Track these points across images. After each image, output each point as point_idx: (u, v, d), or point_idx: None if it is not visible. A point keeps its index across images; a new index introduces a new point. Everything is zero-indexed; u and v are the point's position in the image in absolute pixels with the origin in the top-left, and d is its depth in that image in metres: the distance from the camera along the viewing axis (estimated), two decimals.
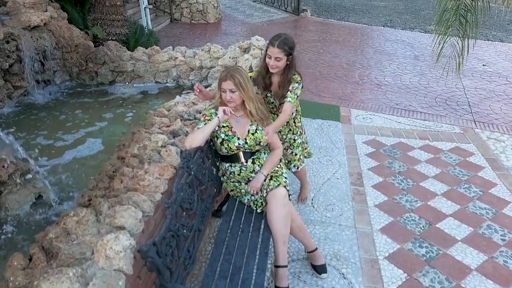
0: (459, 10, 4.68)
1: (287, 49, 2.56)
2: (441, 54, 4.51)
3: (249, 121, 2.50)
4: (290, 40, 2.62)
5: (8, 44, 3.76)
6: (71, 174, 2.74)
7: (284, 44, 2.56)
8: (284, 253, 2.37)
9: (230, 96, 2.35)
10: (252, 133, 2.50)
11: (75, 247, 1.67)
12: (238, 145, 2.47)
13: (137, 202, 1.94)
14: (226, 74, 2.35)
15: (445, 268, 2.78)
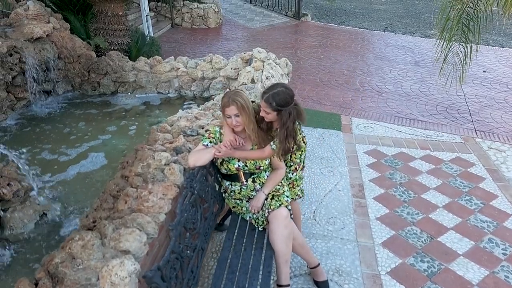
0: (461, 19, 4.71)
1: (274, 106, 2.34)
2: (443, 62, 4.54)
3: (250, 144, 2.51)
4: (283, 95, 2.36)
5: (11, 57, 3.78)
6: (74, 190, 2.76)
7: (272, 99, 2.34)
8: (287, 272, 2.38)
9: (236, 121, 2.35)
10: None
11: (81, 273, 1.68)
12: (237, 167, 2.48)
13: (142, 224, 1.96)
14: (228, 100, 2.34)
15: (446, 283, 2.79)
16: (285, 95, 2.38)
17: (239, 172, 2.49)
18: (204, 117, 3.11)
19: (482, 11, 4.80)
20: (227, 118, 2.37)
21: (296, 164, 2.73)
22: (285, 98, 2.37)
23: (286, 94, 2.39)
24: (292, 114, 2.39)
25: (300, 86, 6.56)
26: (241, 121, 2.35)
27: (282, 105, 2.36)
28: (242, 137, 2.48)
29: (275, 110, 2.37)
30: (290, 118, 2.38)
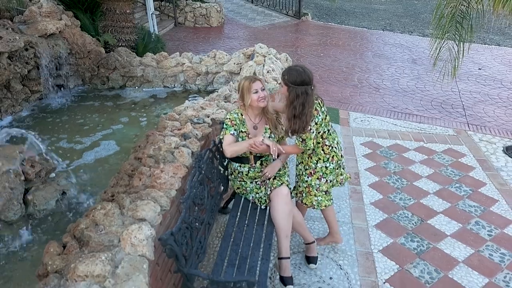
0: (455, 17, 4.92)
1: (285, 79, 2.49)
2: (438, 58, 4.76)
3: (264, 128, 2.75)
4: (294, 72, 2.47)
5: (27, 52, 4.01)
6: (90, 173, 2.99)
7: (286, 72, 2.50)
8: (287, 246, 2.61)
9: (263, 93, 2.63)
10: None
11: (104, 236, 1.91)
12: (255, 153, 2.70)
13: (155, 198, 2.18)
14: (251, 78, 2.66)
15: (434, 260, 3.01)
16: (299, 74, 2.45)
17: (250, 155, 2.71)
18: (209, 107, 3.34)
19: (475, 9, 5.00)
20: (254, 93, 2.60)
21: (311, 169, 2.77)
22: (297, 77, 2.44)
23: (300, 74, 2.45)
24: (300, 96, 2.44)
25: None
26: (265, 94, 2.63)
27: (291, 82, 2.45)
28: (256, 123, 2.72)
29: (285, 84, 2.51)
30: (298, 100, 2.44)
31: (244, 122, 2.73)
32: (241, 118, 2.72)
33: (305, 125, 2.50)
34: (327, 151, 2.73)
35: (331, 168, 2.77)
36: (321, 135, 2.67)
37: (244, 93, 2.66)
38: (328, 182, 2.81)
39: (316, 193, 2.80)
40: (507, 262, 3.01)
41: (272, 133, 2.75)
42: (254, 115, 2.75)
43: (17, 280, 2.20)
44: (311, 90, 2.50)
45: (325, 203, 2.84)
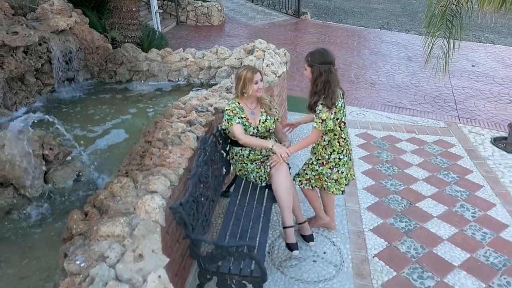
0: (445, 15, 5.16)
1: (309, 59, 2.69)
2: (431, 55, 5.00)
3: (260, 111, 3.01)
4: (317, 53, 2.67)
5: (41, 46, 4.25)
6: (103, 157, 3.24)
7: (309, 55, 2.69)
8: (290, 216, 2.90)
9: (261, 84, 2.91)
10: (263, 122, 3.00)
11: (121, 205, 2.15)
12: (252, 134, 2.95)
13: (165, 174, 2.43)
14: (252, 70, 2.91)
15: (420, 238, 3.26)
16: (320, 54, 2.66)
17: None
18: (212, 97, 3.58)
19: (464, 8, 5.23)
20: (254, 84, 2.86)
21: (324, 159, 2.91)
22: (320, 57, 2.64)
23: (322, 54, 2.65)
24: (323, 74, 2.61)
25: (299, 79, 7.04)
26: (262, 85, 2.91)
27: (314, 62, 2.64)
28: (252, 108, 2.98)
29: (309, 65, 2.68)
30: (321, 77, 2.62)
31: (242, 109, 2.97)
32: (239, 106, 2.97)
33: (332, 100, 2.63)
34: (342, 144, 2.87)
35: (344, 160, 2.90)
36: (338, 123, 2.80)
37: (247, 83, 2.90)
38: (339, 172, 2.92)
39: (326, 180, 2.95)
40: (488, 240, 3.25)
41: (268, 115, 3.00)
42: (250, 102, 3.01)
43: (38, 248, 2.45)
44: (334, 69, 2.67)
45: (332, 189, 2.96)
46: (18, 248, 2.42)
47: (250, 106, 3.02)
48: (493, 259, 3.06)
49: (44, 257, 2.38)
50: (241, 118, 2.95)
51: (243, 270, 2.31)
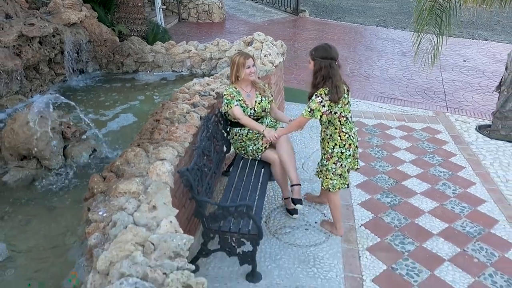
0: (434, 10, 5.46)
1: (312, 53, 2.86)
2: (420, 49, 5.31)
3: (255, 93, 3.32)
4: (321, 48, 2.82)
5: (54, 38, 4.57)
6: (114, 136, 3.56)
7: (313, 49, 2.86)
8: (295, 175, 3.22)
9: (253, 69, 3.22)
10: (259, 102, 3.31)
11: (135, 170, 2.46)
12: (250, 114, 3.26)
13: (173, 146, 2.74)
14: (245, 55, 3.20)
15: (404, 211, 3.57)
16: (323, 49, 2.81)
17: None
18: (214, 83, 3.89)
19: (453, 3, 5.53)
20: (247, 68, 3.17)
21: (328, 154, 3.04)
22: (323, 52, 2.79)
23: (325, 49, 2.81)
24: (323, 68, 2.76)
25: (296, 72, 7.35)
26: (255, 69, 3.21)
27: (317, 56, 2.79)
28: (248, 91, 3.28)
29: (312, 59, 2.84)
30: (321, 71, 2.77)
31: (239, 93, 3.28)
32: (236, 90, 3.28)
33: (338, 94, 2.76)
34: (344, 138, 2.96)
35: (347, 154, 3.00)
36: (338, 117, 2.89)
37: (239, 67, 3.22)
38: (343, 166, 3.03)
39: (332, 177, 3.05)
40: (466, 213, 3.57)
41: (263, 97, 3.31)
42: (245, 86, 3.33)
43: (58, 210, 2.77)
44: (335, 65, 2.81)
45: (339, 186, 3.07)
46: (42, 210, 2.73)
47: (246, 89, 3.33)
48: (469, 228, 3.37)
49: (64, 218, 2.70)
50: (238, 100, 3.25)
51: (242, 229, 2.63)
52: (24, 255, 2.31)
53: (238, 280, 2.78)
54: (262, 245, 3.08)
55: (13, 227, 2.52)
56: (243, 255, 2.70)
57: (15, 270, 2.18)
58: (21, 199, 2.80)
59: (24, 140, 2.91)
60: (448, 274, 2.90)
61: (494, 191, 3.89)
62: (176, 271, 1.67)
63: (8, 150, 2.99)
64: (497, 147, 4.73)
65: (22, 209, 2.72)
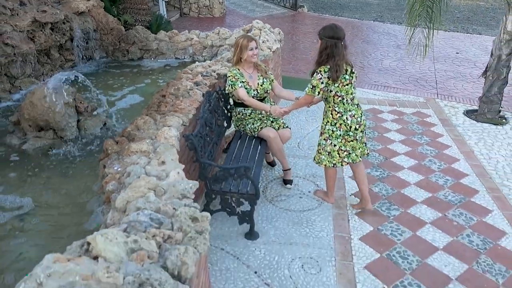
0: (425, 2, 5.72)
1: (320, 33, 2.95)
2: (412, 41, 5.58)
3: (257, 75, 3.57)
4: (328, 28, 2.92)
5: (64, 25, 4.84)
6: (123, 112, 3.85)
7: (321, 29, 2.96)
8: (286, 162, 3.63)
9: (256, 51, 3.45)
10: (261, 84, 3.55)
11: (145, 134, 2.74)
12: (253, 95, 3.50)
13: (179, 116, 3.01)
14: (248, 38, 3.44)
15: (391, 183, 3.85)
16: (330, 29, 2.91)
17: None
18: (215, 65, 4.17)
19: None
20: (249, 51, 3.39)
21: (322, 129, 3.19)
22: (329, 30, 2.90)
23: (332, 29, 2.90)
24: (329, 47, 2.86)
25: (294, 63, 7.62)
26: (257, 51, 3.44)
27: (324, 36, 2.90)
28: (250, 72, 3.52)
29: (320, 38, 2.94)
30: (326, 50, 2.88)
31: (242, 74, 3.53)
32: (239, 72, 3.52)
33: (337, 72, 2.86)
34: (335, 117, 3.05)
35: (337, 134, 3.10)
36: (333, 95, 3.00)
37: (242, 49, 3.46)
38: (332, 145, 3.14)
39: (321, 152, 3.21)
40: (449, 184, 3.84)
41: (264, 78, 3.58)
42: (247, 67, 3.56)
43: (74, 175, 3.06)
44: (341, 45, 2.90)
45: (325, 162, 3.22)
46: (59, 174, 3.02)
47: (248, 70, 3.57)
48: (451, 197, 3.65)
49: (79, 181, 2.98)
50: (242, 82, 3.47)
51: (241, 189, 2.90)
52: (46, 208, 2.59)
53: (238, 238, 3.06)
54: (259, 210, 3.36)
55: (35, 187, 2.80)
56: (242, 215, 2.98)
57: (40, 219, 2.46)
58: (40, 165, 3.08)
59: (42, 112, 3.19)
60: (429, 234, 3.17)
61: (477, 166, 4.16)
62: (183, 207, 1.95)
63: (27, 121, 3.27)
64: (483, 129, 5.01)
65: (41, 173, 3.00)
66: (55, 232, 2.31)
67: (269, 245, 3.00)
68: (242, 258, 2.87)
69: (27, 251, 2.19)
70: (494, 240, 3.13)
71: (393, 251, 2.99)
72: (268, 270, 2.77)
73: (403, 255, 2.95)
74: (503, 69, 5.04)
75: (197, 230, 1.79)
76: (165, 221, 1.83)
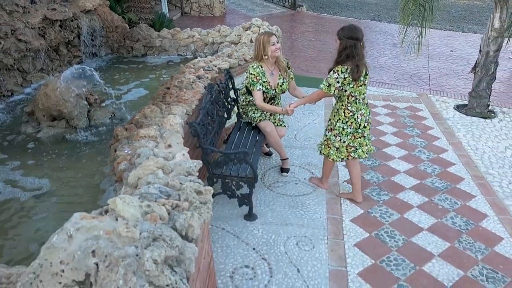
0: (418, 0, 5.96)
1: (339, 33, 3.03)
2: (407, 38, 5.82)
3: (278, 74, 3.69)
4: (347, 29, 2.99)
5: (72, 22, 5.08)
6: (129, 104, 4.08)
7: (340, 29, 3.03)
8: (284, 152, 3.86)
9: (278, 45, 3.51)
10: (280, 85, 3.71)
11: (152, 122, 2.98)
12: (271, 94, 3.66)
13: (182, 106, 3.25)
14: (268, 33, 3.49)
15: (382, 171, 4.08)
16: (349, 29, 2.98)
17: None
18: (216, 60, 4.41)
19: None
20: (272, 46, 3.48)
21: (332, 126, 3.31)
22: (348, 31, 2.98)
23: (351, 30, 2.97)
24: (348, 48, 2.93)
25: (292, 60, 7.85)
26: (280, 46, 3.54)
27: (344, 36, 2.97)
28: (271, 69, 3.64)
29: (339, 38, 3.02)
30: (345, 51, 2.95)
31: (264, 73, 3.59)
32: (262, 71, 3.58)
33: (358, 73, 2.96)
34: (348, 115, 3.19)
35: (348, 131, 3.24)
36: (347, 95, 3.12)
37: (265, 45, 3.49)
38: (341, 141, 3.29)
39: (330, 147, 3.37)
40: (436, 172, 4.08)
41: (284, 78, 3.69)
42: (270, 64, 3.64)
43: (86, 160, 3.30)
44: (359, 45, 2.97)
45: (333, 157, 3.40)
46: (72, 159, 3.25)
47: (270, 67, 3.65)
48: (438, 184, 3.88)
49: (91, 165, 3.22)
50: (263, 82, 3.57)
51: (240, 173, 3.14)
52: (63, 188, 2.82)
53: (238, 220, 3.30)
54: (258, 195, 3.60)
55: (52, 170, 3.04)
56: (241, 197, 3.22)
57: (57, 197, 2.70)
58: (54, 151, 3.32)
59: (56, 102, 3.43)
60: (415, 216, 3.41)
61: (464, 156, 4.40)
62: (189, 182, 2.18)
63: (41, 111, 3.50)
64: (472, 122, 5.25)
65: (56, 158, 3.24)
66: (71, 208, 2.54)
67: (266, 226, 3.23)
68: (242, 237, 3.11)
69: (47, 224, 2.42)
70: (476, 222, 3.36)
71: (381, 231, 3.22)
72: (265, 247, 3.01)
73: (391, 234, 3.19)
74: (491, 65, 5.28)
75: (201, 201, 2.03)
76: (173, 193, 2.06)
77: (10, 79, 4.27)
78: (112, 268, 1.45)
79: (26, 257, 2.12)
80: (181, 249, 1.65)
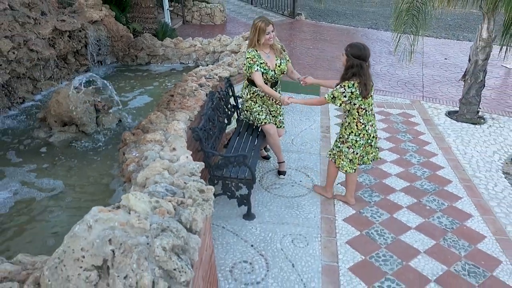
0: (411, 11, 6.22)
1: (348, 49, 3.13)
2: (401, 46, 6.08)
3: (274, 56, 3.83)
4: (356, 47, 3.08)
5: (80, 32, 5.34)
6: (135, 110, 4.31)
7: (348, 46, 3.14)
8: (281, 155, 4.07)
9: (272, 34, 3.61)
10: (279, 65, 3.82)
11: (157, 127, 3.21)
12: (271, 76, 3.77)
13: (186, 112, 3.48)
14: (266, 21, 3.56)
15: (374, 174, 4.30)
16: (358, 48, 3.06)
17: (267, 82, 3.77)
18: (217, 69, 4.65)
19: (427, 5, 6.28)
20: (266, 34, 3.59)
21: (344, 138, 3.42)
22: (356, 50, 3.06)
23: (359, 49, 3.05)
24: (354, 67, 3.04)
25: None
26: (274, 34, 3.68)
27: (351, 54, 3.06)
28: (267, 52, 3.76)
29: (346, 55, 3.12)
30: (352, 69, 3.07)
31: (260, 56, 3.72)
32: (257, 54, 3.71)
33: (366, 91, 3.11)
34: (360, 128, 3.32)
35: (360, 143, 3.37)
36: (356, 108, 3.25)
37: (260, 33, 3.56)
38: (354, 153, 3.40)
39: (343, 158, 3.47)
40: (425, 175, 4.30)
41: (281, 59, 3.83)
42: (264, 48, 3.77)
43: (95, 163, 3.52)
44: (365, 65, 3.07)
45: (346, 168, 3.50)
46: (82, 162, 3.48)
47: (265, 51, 3.77)
48: (427, 186, 4.10)
49: (100, 168, 3.45)
50: (260, 64, 3.68)
51: (239, 175, 3.36)
52: (75, 189, 3.05)
53: (237, 219, 3.51)
54: (256, 196, 3.82)
55: (64, 172, 3.27)
56: (240, 198, 3.44)
57: (70, 197, 2.92)
58: (66, 155, 3.55)
59: (66, 109, 3.66)
60: (404, 216, 3.63)
61: (453, 160, 4.62)
62: (192, 181, 2.41)
63: (53, 117, 3.74)
64: (462, 128, 5.47)
65: (68, 161, 3.47)
66: (84, 207, 2.76)
67: (264, 224, 3.45)
68: (241, 234, 3.32)
69: (62, 221, 2.64)
70: (461, 221, 3.58)
71: (372, 229, 3.44)
72: (263, 244, 3.22)
73: (380, 232, 3.40)
74: (480, 73, 5.52)
75: (204, 198, 2.25)
76: (178, 191, 2.28)
77: (22, 87, 4.51)
78: (127, 254, 1.67)
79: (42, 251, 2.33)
80: (186, 239, 1.87)
